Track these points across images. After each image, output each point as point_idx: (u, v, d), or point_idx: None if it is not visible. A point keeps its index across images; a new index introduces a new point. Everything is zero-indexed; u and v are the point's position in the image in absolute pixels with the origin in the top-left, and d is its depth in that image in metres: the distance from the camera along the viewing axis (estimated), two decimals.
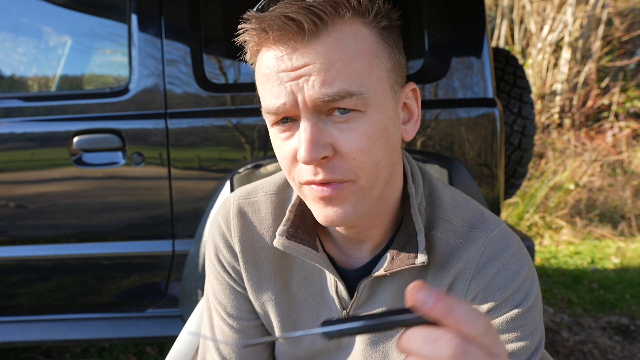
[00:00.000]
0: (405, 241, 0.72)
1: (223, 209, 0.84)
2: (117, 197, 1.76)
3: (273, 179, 0.84)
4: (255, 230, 0.81)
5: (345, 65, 0.60)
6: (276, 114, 0.62)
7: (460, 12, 1.76)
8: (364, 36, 0.62)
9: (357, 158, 0.62)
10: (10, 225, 1.78)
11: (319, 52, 0.59)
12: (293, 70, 0.60)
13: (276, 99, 0.61)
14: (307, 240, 0.74)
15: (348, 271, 0.78)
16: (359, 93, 0.60)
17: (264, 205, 0.81)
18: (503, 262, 0.72)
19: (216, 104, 1.74)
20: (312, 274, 0.80)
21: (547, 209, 4.34)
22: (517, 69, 2.16)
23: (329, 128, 0.61)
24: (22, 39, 2.04)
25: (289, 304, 0.82)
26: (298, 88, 0.60)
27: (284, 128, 0.64)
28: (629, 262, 3.61)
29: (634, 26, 6.25)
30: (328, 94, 0.59)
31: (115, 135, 1.72)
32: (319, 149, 0.60)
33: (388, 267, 0.72)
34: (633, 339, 2.51)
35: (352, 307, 0.78)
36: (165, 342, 2.35)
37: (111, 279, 1.83)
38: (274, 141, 0.66)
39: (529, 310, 0.72)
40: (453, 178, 1.73)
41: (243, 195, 0.83)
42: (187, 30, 1.74)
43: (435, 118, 1.73)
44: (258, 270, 0.81)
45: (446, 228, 0.75)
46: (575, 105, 5.90)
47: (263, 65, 0.63)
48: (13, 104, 1.78)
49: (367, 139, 0.62)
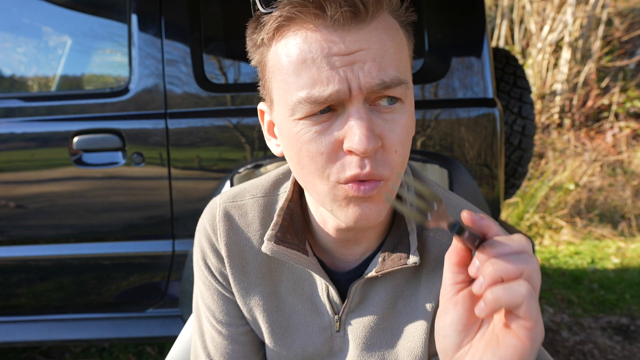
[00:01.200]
0: (397, 242, 0.71)
1: (209, 212, 0.81)
2: (117, 197, 1.76)
3: (260, 181, 0.81)
4: (242, 234, 0.78)
5: (396, 52, 0.58)
6: (323, 103, 0.56)
7: (460, 12, 1.76)
8: (397, 29, 0.61)
9: (398, 151, 0.59)
10: (10, 225, 1.78)
11: (373, 37, 0.56)
12: (347, 54, 0.55)
13: (326, 85, 0.55)
14: (296, 245, 0.72)
15: (339, 274, 0.76)
16: (406, 82, 0.58)
17: (251, 208, 0.78)
18: None
19: (216, 104, 1.74)
20: (301, 279, 0.78)
21: (547, 209, 4.34)
22: (517, 69, 2.16)
23: (376, 118, 0.58)
24: (22, 39, 2.05)
25: (277, 309, 0.79)
26: (353, 74, 0.55)
27: (321, 119, 0.58)
28: (629, 262, 3.61)
29: (634, 26, 6.25)
30: (384, 80, 0.56)
31: (115, 135, 1.72)
32: (375, 138, 0.56)
33: (379, 268, 0.70)
34: (633, 339, 2.51)
35: (344, 310, 0.76)
36: (165, 342, 2.35)
37: (111, 279, 1.83)
38: (302, 136, 0.59)
39: None
40: (453, 178, 1.73)
41: (229, 198, 0.80)
42: (187, 30, 1.74)
43: (435, 118, 1.73)
44: (245, 275, 0.79)
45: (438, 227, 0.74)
46: (575, 105, 5.90)
47: (299, 49, 0.57)
48: (13, 104, 1.78)
49: (406, 131, 0.60)
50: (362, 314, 0.76)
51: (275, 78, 0.61)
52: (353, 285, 0.74)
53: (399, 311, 0.75)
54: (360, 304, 0.76)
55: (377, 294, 0.75)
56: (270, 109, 0.65)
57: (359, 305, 0.76)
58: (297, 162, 0.62)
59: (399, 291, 0.75)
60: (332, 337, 0.79)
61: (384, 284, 0.75)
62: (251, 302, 0.80)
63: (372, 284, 0.75)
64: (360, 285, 0.74)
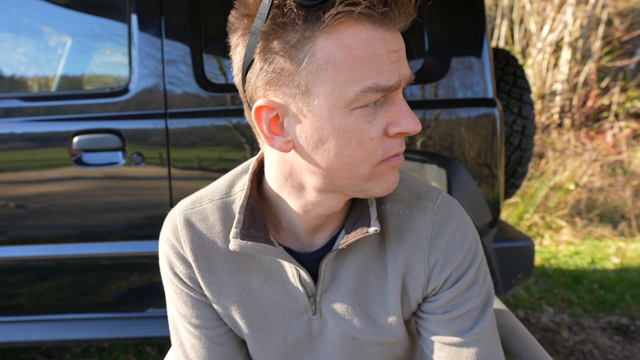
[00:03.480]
0: (358, 216, 0.76)
1: (169, 223, 0.83)
2: (117, 197, 1.76)
3: (215, 185, 0.84)
4: (206, 238, 0.80)
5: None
6: (383, 91, 0.63)
7: (460, 12, 1.76)
8: None
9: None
10: (10, 225, 1.78)
11: (400, 38, 0.65)
12: (396, 51, 0.64)
13: (389, 76, 0.63)
14: (261, 237, 0.75)
15: (307, 255, 0.80)
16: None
17: (210, 212, 0.81)
18: (454, 226, 0.79)
19: (216, 104, 1.74)
20: (271, 270, 0.80)
21: (547, 209, 4.34)
22: (517, 69, 2.16)
23: None
24: (22, 39, 2.04)
25: (252, 303, 0.82)
26: (400, 68, 0.64)
27: (371, 110, 0.65)
28: (629, 262, 3.61)
29: (634, 26, 6.25)
30: (412, 75, 0.67)
31: (115, 135, 1.72)
32: None
33: (344, 240, 0.75)
34: (633, 339, 2.51)
35: (318, 291, 0.80)
36: (165, 342, 2.35)
37: (111, 279, 1.83)
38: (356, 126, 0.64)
39: (480, 265, 0.81)
40: (453, 178, 1.73)
41: (187, 206, 0.83)
42: (187, 30, 1.74)
43: (435, 118, 1.73)
44: (214, 276, 0.81)
45: (394, 200, 0.80)
46: (575, 105, 5.90)
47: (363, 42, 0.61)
48: (13, 104, 1.78)
49: None
50: (335, 292, 0.81)
51: (325, 70, 0.62)
52: (323, 261, 0.77)
53: (370, 282, 0.80)
54: (332, 282, 0.80)
55: (347, 270, 0.80)
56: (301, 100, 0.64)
57: (331, 283, 0.80)
58: (335, 153, 0.66)
59: (367, 264, 0.80)
60: (309, 321, 0.83)
61: (352, 259, 0.79)
62: (225, 301, 0.82)
63: (341, 260, 0.79)
64: (330, 261, 0.78)
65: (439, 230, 0.78)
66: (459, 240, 0.79)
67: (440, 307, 0.81)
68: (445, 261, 0.78)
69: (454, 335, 0.80)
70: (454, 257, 0.78)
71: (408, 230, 0.79)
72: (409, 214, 0.79)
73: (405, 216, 0.79)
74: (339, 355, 0.85)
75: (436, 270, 0.79)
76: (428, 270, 0.79)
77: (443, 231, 0.78)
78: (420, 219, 0.79)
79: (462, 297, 0.80)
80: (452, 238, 0.78)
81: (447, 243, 0.78)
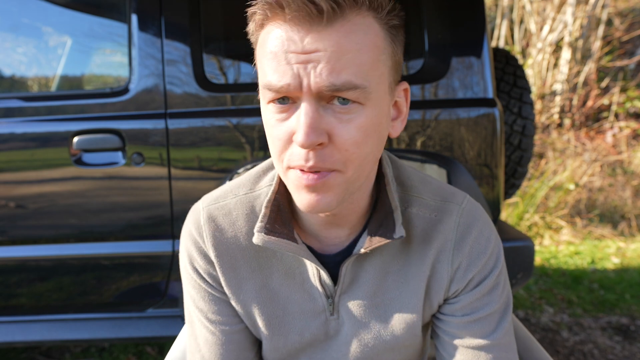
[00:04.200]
0: (382, 220, 0.75)
1: (192, 217, 0.83)
2: (117, 197, 1.75)
3: (240, 180, 0.84)
4: (229, 233, 0.80)
5: (355, 57, 0.60)
6: (277, 92, 0.62)
7: (460, 12, 1.76)
8: (374, 31, 0.62)
9: (349, 150, 0.63)
10: (10, 225, 1.78)
11: (331, 40, 0.59)
12: (303, 53, 0.59)
13: (281, 77, 0.60)
14: (285, 234, 0.74)
15: (328, 257, 0.79)
16: (363, 87, 0.60)
17: (234, 207, 0.81)
18: (478, 229, 0.79)
19: (216, 104, 1.74)
20: (292, 268, 0.80)
21: (547, 209, 4.34)
22: (517, 69, 2.16)
23: (329, 116, 0.62)
24: (22, 39, 2.04)
25: (272, 300, 0.82)
26: (305, 72, 0.59)
27: (282, 108, 0.63)
28: (629, 262, 3.61)
29: (634, 26, 6.25)
30: (334, 83, 0.59)
31: (115, 135, 1.72)
32: (317, 135, 0.60)
33: (367, 244, 0.73)
34: (633, 339, 2.51)
35: (337, 292, 0.79)
36: (165, 342, 2.35)
37: (111, 279, 1.83)
38: (268, 120, 0.66)
39: (502, 269, 0.81)
40: (453, 178, 1.73)
41: (211, 201, 0.83)
42: (187, 30, 1.73)
43: (435, 118, 1.73)
44: (235, 272, 0.81)
45: (420, 204, 0.79)
46: (575, 105, 5.90)
47: (270, 40, 0.62)
48: (13, 104, 1.78)
49: (362, 132, 0.63)
50: (354, 294, 0.80)
51: (257, 62, 0.67)
52: (343, 265, 0.77)
53: (389, 286, 0.80)
54: (352, 285, 0.80)
55: (367, 273, 0.79)
56: None
57: (350, 285, 0.80)
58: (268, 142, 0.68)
59: (387, 267, 0.79)
60: (327, 321, 0.82)
61: (372, 262, 0.79)
62: (245, 297, 0.82)
63: (361, 263, 0.79)
64: (350, 264, 0.78)
65: (464, 233, 0.78)
66: (482, 244, 0.79)
67: (460, 309, 0.81)
68: (468, 264, 0.78)
69: (473, 338, 0.80)
70: (477, 260, 0.78)
71: (434, 234, 0.78)
72: (435, 218, 0.79)
73: (431, 220, 0.79)
74: (352, 356, 0.84)
75: (459, 272, 0.79)
76: (451, 272, 0.79)
77: (468, 234, 0.78)
78: (446, 222, 0.78)
79: (483, 300, 0.80)
80: (476, 241, 0.78)
81: (471, 246, 0.78)
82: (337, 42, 0.59)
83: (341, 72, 0.59)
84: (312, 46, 0.59)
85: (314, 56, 0.59)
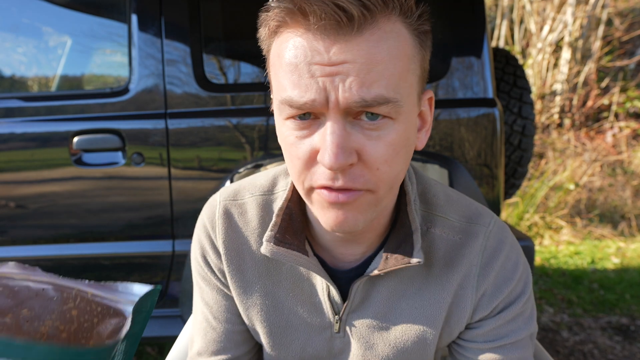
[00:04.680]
0: (400, 240, 0.70)
1: (209, 209, 0.80)
2: (117, 197, 1.75)
3: (259, 179, 0.80)
4: (241, 233, 0.77)
5: (386, 68, 0.54)
6: (299, 109, 0.56)
7: (460, 12, 1.76)
8: (405, 38, 0.57)
9: (381, 168, 0.57)
10: (10, 225, 1.78)
11: (361, 50, 0.53)
12: (330, 65, 0.53)
13: (304, 92, 0.54)
14: (296, 245, 0.69)
15: (340, 272, 0.75)
16: (395, 100, 0.55)
17: (250, 207, 0.77)
18: (505, 254, 0.73)
19: (216, 104, 1.74)
20: (301, 279, 0.76)
21: (547, 209, 4.34)
22: (517, 69, 2.16)
23: (357, 133, 0.56)
24: (22, 39, 2.04)
25: (275, 309, 0.78)
26: (332, 86, 0.53)
27: (303, 125, 0.57)
28: (629, 262, 3.61)
29: (634, 26, 6.25)
30: (365, 98, 0.53)
31: (115, 135, 1.72)
32: (347, 155, 0.55)
33: (382, 266, 0.69)
34: (633, 339, 2.51)
35: (345, 310, 0.75)
36: (165, 342, 2.35)
37: (111, 279, 1.83)
38: (287, 137, 0.59)
39: (530, 296, 0.75)
40: (453, 178, 1.73)
41: (230, 196, 0.79)
42: (187, 30, 1.73)
43: (435, 118, 1.73)
44: (242, 274, 0.77)
45: (444, 225, 0.73)
46: (575, 105, 5.90)
47: (288, 50, 0.56)
48: (13, 104, 1.78)
49: (393, 149, 0.57)
50: (363, 314, 0.75)
51: (272, 73, 0.61)
52: (355, 284, 0.72)
53: (402, 310, 0.75)
54: (362, 304, 0.75)
55: (379, 293, 0.74)
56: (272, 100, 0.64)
57: (360, 305, 0.75)
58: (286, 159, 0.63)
59: (402, 290, 0.74)
60: (331, 338, 0.78)
61: (386, 282, 0.74)
62: (249, 301, 0.79)
63: (373, 282, 0.74)
64: (362, 284, 0.73)
65: (490, 258, 0.73)
66: (510, 270, 0.73)
67: (482, 335, 0.76)
68: (494, 291, 0.73)
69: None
70: (503, 286, 0.73)
71: (458, 258, 0.73)
72: (459, 241, 0.73)
73: (455, 243, 0.73)
74: None
75: (484, 299, 0.74)
76: (476, 299, 0.74)
77: (494, 259, 0.73)
78: (471, 245, 0.73)
79: (507, 327, 0.75)
80: (503, 267, 0.73)
81: (497, 272, 0.73)
82: (367, 52, 0.53)
83: (372, 85, 0.53)
84: (339, 57, 0.53)
85: (342, 68, 0.53)
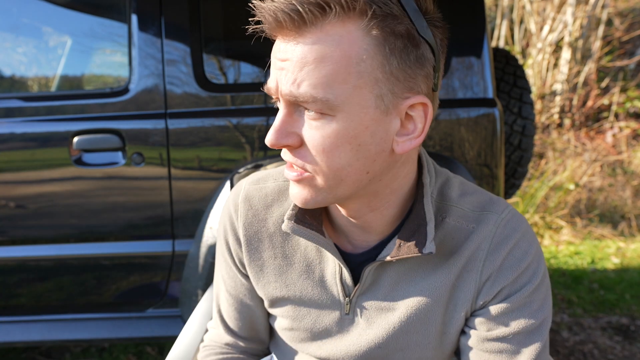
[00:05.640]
0: (414, 230, 0.73)
1: (234, 193, 0.87)
2: (117, 197, 1.75)
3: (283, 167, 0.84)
4: (260, 215, 0.83)
5: (316, 69, 0.60)
6: (270, 94, 0.67)
7: (460, 12, 1.76)
8: (351, 40, 0.60)
9: (318, 156, 0.64)
10: (10, 225, 1.78)
11: (296, 50, 0.60)
12: (280, 60, 0.63)
13: (270, 80, 0.65)
14: (314, 225, 0.75)
15: (351, 255, 0.80)
16: (325, 99, 0.60)
17: (271, 192, 0.84)
18: (514, 241, 0.74)
19: (216, 104, 1.74)
20: (312, 263, 0.81)
21: (547, 209, 4.34)
22: (517, 69, 2.16)
23: (301, 120, 0.65)
24: (22, 39, 2.04)
25: (288, 288, 0.83)
26: (279, 79, 0.63)
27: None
28: (629, 262, 3.61)
29: (634, 26, 6.25)
30: (294, 94, 0.61)
31: (115, 136, 1.72)
32: (283, 137, 0.64)
33: (395, 253, 0.73)
34: (633, 339, 2.51)
35: (356, 293, 0.79)
36: (165, 342, 2.35)
37: (111, 279, 1.83)
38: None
39: (538, 287, 0.75)
40: None
41: (254, 181, 0.86)
42: (187, 30, 1.73)
43: (435, 118, 1.73)
44: (259, 254, 0.84)
45: (458, 214, 0.77)
46: (575, 106, 5.90)
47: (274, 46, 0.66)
48: (13, 104, 1.78)
49: (330, 142, 0.63)
50: (372, 296, 0.79)
51: None
52: (366, 268, 0.76)
53: (410, 294, 0.78)
54: (371, 287, 0.79)
55: (389, 277, 0.78)
56: None
57: (370, 288, 0.79)
58: None
59: (411, 275, 0.78)
60: (341, 319, 0.82)
61: (396, 268, 0.78)
62: (264, 279, 0.85)
63: (384, 267, 0.78)
64: (374, 268, 0.77)
65: (498, 245, 0.74)
66: (517, 257, 0.74)
67: (484, 322, 0.76)
68: (498, 275, 0.74)
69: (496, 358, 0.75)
70: (508, 273, 0.74)
71: (467, 243, 0.75)
72: (472, 229, 0.75)
73: (468, 231, 0.76)
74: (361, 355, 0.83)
75: (487, 284, 0.75)
76: (479, 283, 0.75)
77: (502, 246, 0.74)
78: (481, 232, 0.75)
79: (509, 316, 0.74)
80: (510, 253, 0.74)
81: (504, 258, 0.74)
82: (300, 53, 0.60)
83: (301, 83, 0.60)
84: (284, 55, 0.62)
85: (285, 64, 0.62)
